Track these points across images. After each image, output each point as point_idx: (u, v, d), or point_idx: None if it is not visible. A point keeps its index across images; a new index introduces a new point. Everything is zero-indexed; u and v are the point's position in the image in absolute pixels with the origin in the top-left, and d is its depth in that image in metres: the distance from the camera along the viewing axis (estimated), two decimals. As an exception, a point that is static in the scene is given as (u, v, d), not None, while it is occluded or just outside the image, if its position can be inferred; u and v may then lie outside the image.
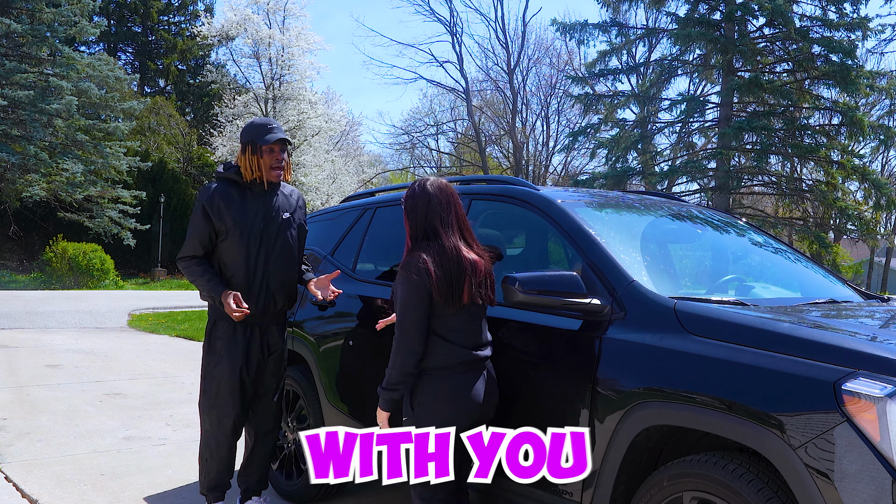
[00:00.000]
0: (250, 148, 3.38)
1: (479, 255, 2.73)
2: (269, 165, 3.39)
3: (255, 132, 3.38)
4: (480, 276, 2.68)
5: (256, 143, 3.37)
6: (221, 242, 3.38)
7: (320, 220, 4.46)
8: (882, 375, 1.96)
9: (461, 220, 2.75)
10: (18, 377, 7.33)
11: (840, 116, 20.30)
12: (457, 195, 2.79)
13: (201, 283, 3.36)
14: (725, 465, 2.18)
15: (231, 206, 3.37)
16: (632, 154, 22.55)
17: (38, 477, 4.20)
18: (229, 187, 3.42)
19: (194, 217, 3.40)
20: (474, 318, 2.71)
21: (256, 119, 3.50)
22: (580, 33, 21.98)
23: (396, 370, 2.64)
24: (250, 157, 3.38)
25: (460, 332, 2.66)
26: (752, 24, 20.47)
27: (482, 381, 2.70)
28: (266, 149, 3.37)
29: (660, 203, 3.63)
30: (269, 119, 3.49)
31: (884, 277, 36.87)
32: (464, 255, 2.66)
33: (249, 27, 28.68)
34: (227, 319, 3.38)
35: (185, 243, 3.43)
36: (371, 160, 41.34)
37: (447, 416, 2.61)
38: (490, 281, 2.74)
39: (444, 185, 2.79)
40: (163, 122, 31.39)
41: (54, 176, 23.52)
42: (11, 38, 22.76)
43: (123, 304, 15.50)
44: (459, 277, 2.63)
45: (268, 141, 3.35)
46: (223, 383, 3.39)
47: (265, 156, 3.38)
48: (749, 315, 2.38)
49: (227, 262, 3.39)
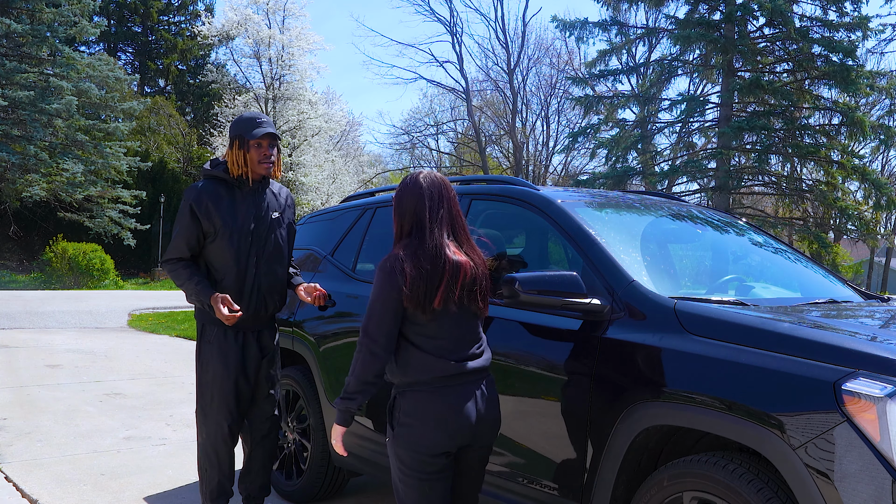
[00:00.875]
0: (237, 142, 3.26)
1: (470, 257, 2.44)
2: (256, 160, 3.27)
3: (242, 126, 3.28)
4: (465, 279, 2.38)
5: (244, 137, 3.25)
6: (210, 244, 3.27)
7: (320, 220, 4.46)
8: (882, 375, 1.96)
9: (454, 217, 2.47)
10: (18, 377, 7.33)
11: (840, 116, 20.28)
12: (452, 190, 2.51)
13: (189, 287, 3.24)
14: (725, 465, 2.17)
15: (220, 206, 3.25)
16: (632, 154, 22.54)
17: (38, 477, 4.20)
18: (217, 186, 3.30)
19: (181, 217, 3.28)
20: (459, 325, 2.40)
21: (245, 113, 3.38)
22: (580, 31, 21.97)
23: (355, 377, 2.37)
24: (237, 153, 3.27)
25: (441, 340, 2.37)
26: (752, 25, 20.46)
27: (473, 398, 2.38)
28: (254, 143, 3.25)
29: (660, 203, 3.63)
30: (258, 113, 3.38)
31: (884, 277, 36.87)
32: (446, 255, 2.37)
33: (249, 27, 28.70)
34: (217, 324, 3.27)
35: (171, 245, 3.31)
36: (371, 160, 41.35)
37: (431, 439, 2.33)
38: (481, 286, 2.45)
39: (439, 178, 2.50)
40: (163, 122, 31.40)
41: (54, 176, 23.52)
42: (11, 38, 22.77)
43: (123, 304, 15.50)
44: (434, 279, 2.34)
45: (255, 135, 3.24)
46: (217, 390, 3.28)
47: (252, 150, 3.26)
48: (749, 315, 2.38)
49: (215, 264, 3.28)
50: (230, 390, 3.29)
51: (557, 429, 2.61)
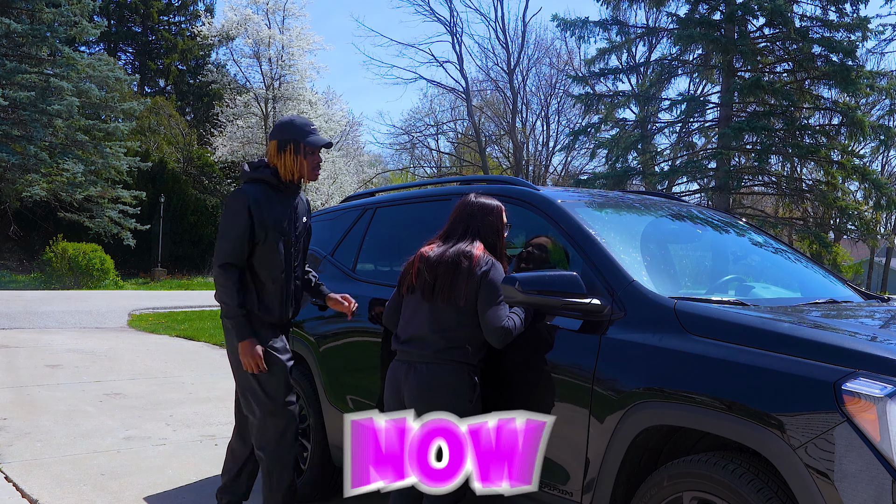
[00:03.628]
0: (292, 146, 3.21)
1: (448, 252, 2.80)
2: (310, 167, 3.26)
3: (297, 131, 3.23)
4: (437, 270, 2.78)
5: (300, 142, 3.22)
6: (258, 248, 3.19)
7: (320, 220, 4.46)
8: (882, 375, 1.96)
9: (455, 223, 2.93)
10: (18, 377, 7.33)
11: (840, 116, 20.30)
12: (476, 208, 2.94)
13: (234, 312, 3.13)
14: (725, 465, 2.17)
15: (272, 210, 3.20)
16: (632, 154, 22.55)
17: (38, 477, 4.20)
18: (266, 189, 3.23)
19: (235, 219, 3.15)
20: (419, 311, 2.81)
21: (295, 118, 3.33)
22: (581, 30, 21.97)
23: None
24: (292, 157, 3.21)
25: (402, 319, 2.89)
26: (752, 25, 20.48)
27: (404, 376, 2.80)
28: (309, 150, 3.24)
29: (660, 203, 3.63)
30: (308, 119, 3.35)
31: (884, 277, 36.86)
32: (422, 249, 2.88)
33: (250, 27, 28.70)
34: (267, 326, 3.22)
35: (227, 248, 3.15)
36: (371, 160, 41.32)
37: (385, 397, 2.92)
38: (454, 281, 2.75)
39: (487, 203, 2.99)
40: (163, 122, 31.39)
41: (54, 176, 23.51)
42: (11, 38, 22.75)
43: (123, 304, 15.49)
44: (409, 266, 2.90)
45: (314, 144, 3.24)
46: (282, 389, 3.20)
47: (308, 156, 3.24)
48: (749, 315, 2.39)
49: (261, 270, 3.21)
50: (290, 388, 3.26)
51: (557, 428, 2.61)
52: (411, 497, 2.81)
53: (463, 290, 2.74)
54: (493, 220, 2.91)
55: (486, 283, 2.73)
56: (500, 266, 2.80)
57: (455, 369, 2.74)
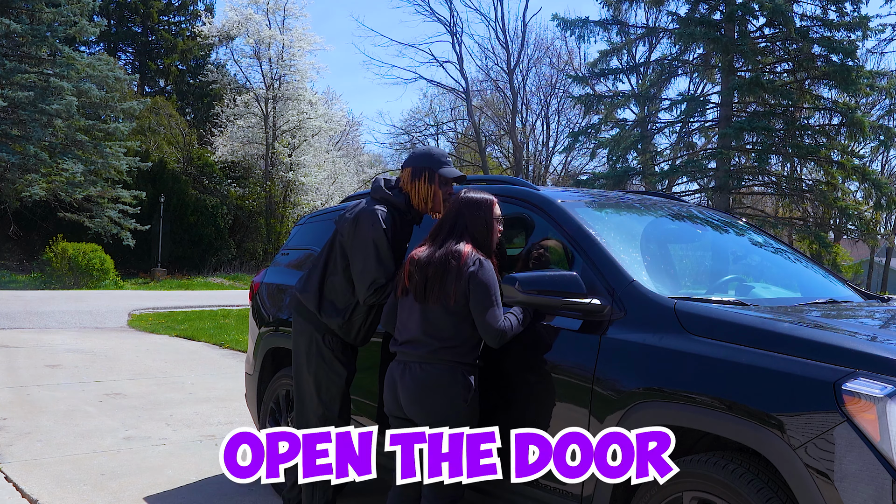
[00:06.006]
0: (427, 175, 3.14)
1: (436, 253, 2.78)
2: (441, 199, 3.15)
3: (434, 161, 3.17)
4: (427, 271, 2.77)
5: (434, 171, 3.14)
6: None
7: (320, 220, 4.46)
8: (882, 375, 1.96)
9: (448, 222, 2.90)
10: (18, 377, 7.33)
11: (840, 116, 20.30)
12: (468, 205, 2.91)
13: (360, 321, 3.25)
14: (725, 465, 2.17)
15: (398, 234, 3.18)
16: (632, 154, 22.55)
17: (38, 477, 4.20)
18: (392, 211, 3.16)
19: (380, 240, 3.07)
20: (413, 313, 2.81)
21: (433, 148, 3.30)
22: (581, 30, 21.97)
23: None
24: (427, 186, 3.14)
25: (399, 321, 2.90)
26: (752, 24, 20.48)
27: (399, 376, 2.81)
28: (443, 180, 3.16)
29: (660, 203, 3.63)
30: (444, 151, 3.32)
31: (884, 277, 36.87)
32: (413, 251, 2.89)
33: (250, 27, 28.74)
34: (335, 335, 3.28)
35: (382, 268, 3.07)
36: (371, 160, 41.33)
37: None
38: (444, 281, 2.72)
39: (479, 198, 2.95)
40: (163, 122, 31.36)
41: (54, 176, 23.49)
42: (11, 38, 22.73)
43: (123, 304, 15.48)
44: (402, 269, 2.91)
45: (448, 175, 3.15)
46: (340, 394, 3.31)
47: (442, 187, 3.16)
48: (749, 315, 2.39)
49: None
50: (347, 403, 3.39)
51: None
52: (409, 497, 2.82)
53: (452, 289, 2.71)
54: (482, 215, 2.85)
55: (476, 283, 2.69)
56: (488, 264, 2.74)
57: (449, 369, 2.74)
